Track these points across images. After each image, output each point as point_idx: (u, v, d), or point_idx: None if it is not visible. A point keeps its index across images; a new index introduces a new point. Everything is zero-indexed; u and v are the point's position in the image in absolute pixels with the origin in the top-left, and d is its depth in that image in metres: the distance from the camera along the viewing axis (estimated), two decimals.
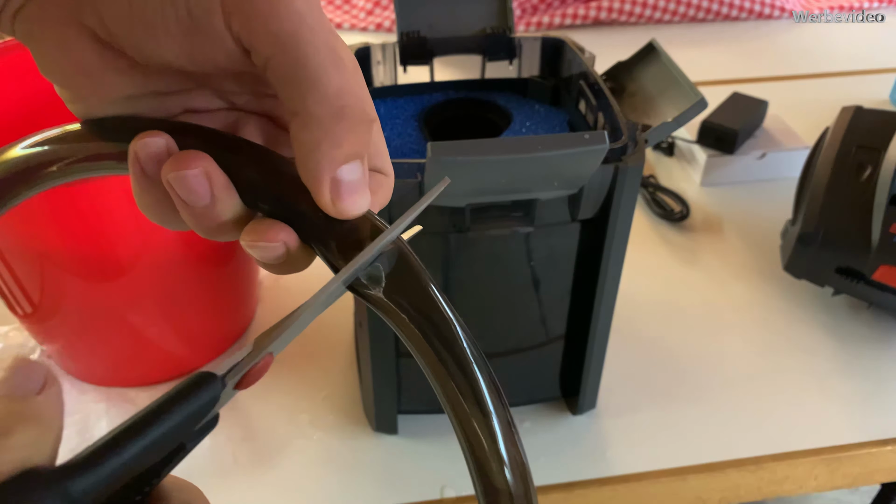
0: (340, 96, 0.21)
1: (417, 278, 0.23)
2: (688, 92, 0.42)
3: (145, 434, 0.17)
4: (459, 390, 0.22)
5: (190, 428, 0.19)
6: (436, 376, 0.23)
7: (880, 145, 0.58)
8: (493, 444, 0.23)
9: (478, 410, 0.22)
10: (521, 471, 0.24)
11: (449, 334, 0.23)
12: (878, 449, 0.51)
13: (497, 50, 0.50)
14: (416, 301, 0.23)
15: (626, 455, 0.51)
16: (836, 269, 0.57)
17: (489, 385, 0.23)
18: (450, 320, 0.23)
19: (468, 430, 0.22)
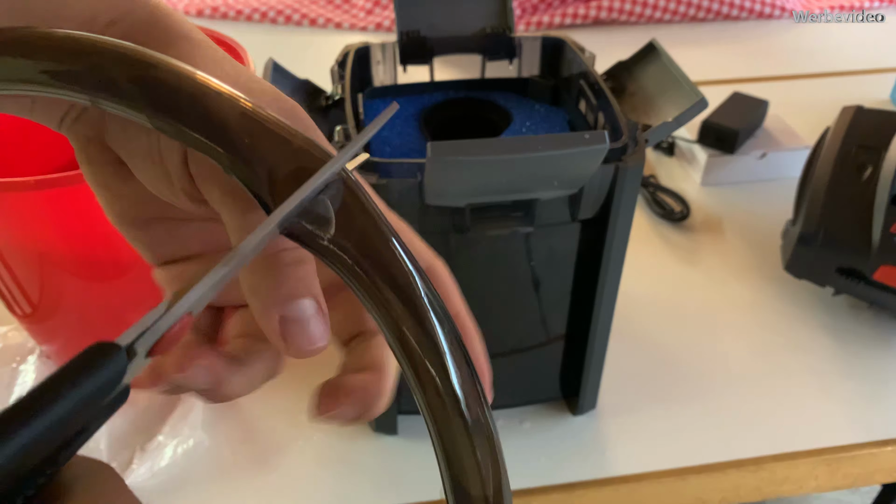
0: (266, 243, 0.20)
1: (368, 217, 0.20)
2: (688, 92, 0.42)
3: (30, 423, 0.15)
4: (417, 345, 0.20)
5: (91, 407, 0.16)
6: (390, 332, 0.20)
7: (881, 145, 0.58)
8: (464, 439, 0.20)
9: (438, 381, 0.20)
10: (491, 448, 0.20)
11: (406, 286, 0.20)
12: (878, 449, 0.51)
13: (497, 49, 0.50)
14: (366, 246, 0.20)
15: (627, 455, 0.51)
16: (836, 269, 0.57)
17: (450, 342, 0.20)
18: (407, 270, 0.20)
19: (438, 418, 0.20)
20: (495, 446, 0.20)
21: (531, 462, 0.50)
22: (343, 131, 0.40)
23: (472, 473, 0.20)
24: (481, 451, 0.20)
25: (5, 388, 0.54)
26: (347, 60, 0.46)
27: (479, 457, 0.20)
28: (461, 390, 0.20)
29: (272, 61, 0.44)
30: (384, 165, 0.38)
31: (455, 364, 0.20)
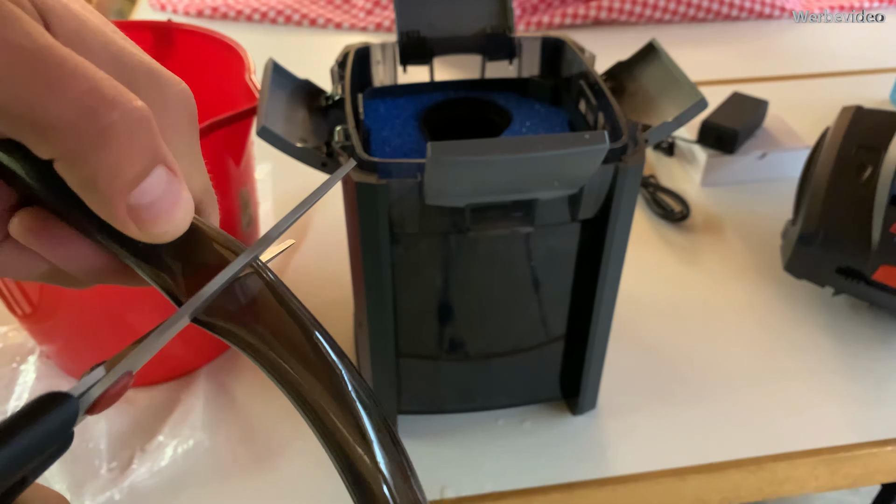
0: (88, 113, 0.17)
1: (286, 307, 0.20)
2: (688, 92, 0.42)
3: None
4: (345, 430, 0.20)
5: (36, 456, 0.16)
6: (316, 421, 0.20)
7: (881, 145, 0.58)
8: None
9: (369, 459, 0.20)
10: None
11: (332, 376, 0.20)
12: (878, 449, 0.51)
13: (497, 50, 0.50)
14: (282, 333, 0.20)
15: (627, 455, 0.51)
16: (836, 269, 0.57)
17: (381, 429, 0.21)
18: (330, 360, 0.20)
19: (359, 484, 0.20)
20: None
21: (531, 462, 0.50)
22: (343, 131, 0.40)
23: None
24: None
25: (5, 387, 0.54)
26: (347, 60, 0.46)
27: None
28: (390, 477, 0.21)
29: (272, 61, 0.44)
30: (384, 165, 0.38)
31: (383, 452, 0.21)
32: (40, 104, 0.16)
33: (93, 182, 0.17)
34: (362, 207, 0.39)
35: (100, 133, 0.17)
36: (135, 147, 0.17)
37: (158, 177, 0.18)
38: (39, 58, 0.16)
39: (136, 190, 0.18)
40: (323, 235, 0.69)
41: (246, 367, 0.57)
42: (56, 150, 0.17)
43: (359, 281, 0.44)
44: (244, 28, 1.10)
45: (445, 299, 0.47)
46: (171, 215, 0.18)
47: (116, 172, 0.17)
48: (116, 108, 0.17)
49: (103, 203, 0.18)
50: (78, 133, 0.16)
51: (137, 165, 0.18)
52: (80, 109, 0.16)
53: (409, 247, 0.43)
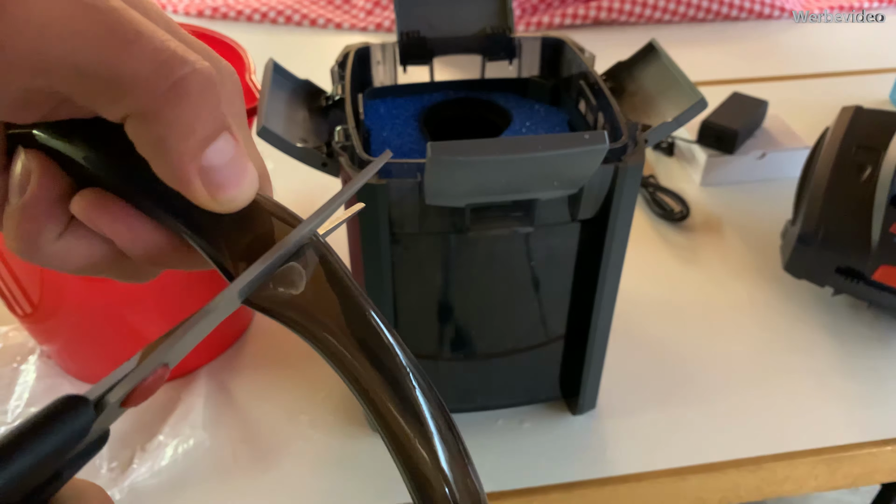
0: (162, 67, 0.17)
1: (342, 288, 0.19)
2: (688, 92, 0.42)
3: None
4: (408, 429, 0.19)
5: (62, 457, 0.16)
6: (376, 415, 0.19)
7: (880, 145, 0.58)
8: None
9: (428, 455, 0.19)
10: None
11: (390, 362, 0.19)
12: (878, 449, 0.51)
13: (497, 50, 0.50)
14: (342, 319, 0.19)
15: (626, 455, 0.51)
16: (836, 269, 0.57)
17: (438, 418, 0.20)
18: (388, 345, 0.19)
19: (420, 484, 0.19)
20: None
21: (531, 462, 0.50)
22: (343, 131, 0.40)
23: None
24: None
25: (6, 387, 0.54)
26: (347, 61, 0.46)
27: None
28: (450, 472, 0.19)
29: (272, 61, 0.44)
30: (384, 165, 0.38)
31: (442, 443, 0.20)
32: (116, 60, 0.16)
33: (165, 140, 0.17)
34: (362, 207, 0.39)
35: (173, 87, 0.17)
36: (206, 105, 0.17)
37: (227, 141, 0.18)
38: (113, 17, 0.16)
39: (207, 151, 0.18)
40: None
41: (247, 367, 0.57)
42: (130, 106, 0.17)
43: (359, 281, 0.44)
44: (244, 28, 1.10)
45: (445, 299, 0.47)
46: (240, 181, 0.18)
47: (189, 130, 0.17)
48: (188, 64, 0.17)
49: (174, 164, 0.18)
50: (152, 87, 0.17)
51: (209, 125, 0.18)
52: (153, 64, 0.16)
53: (409, 247, 0.43)
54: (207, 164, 0.18)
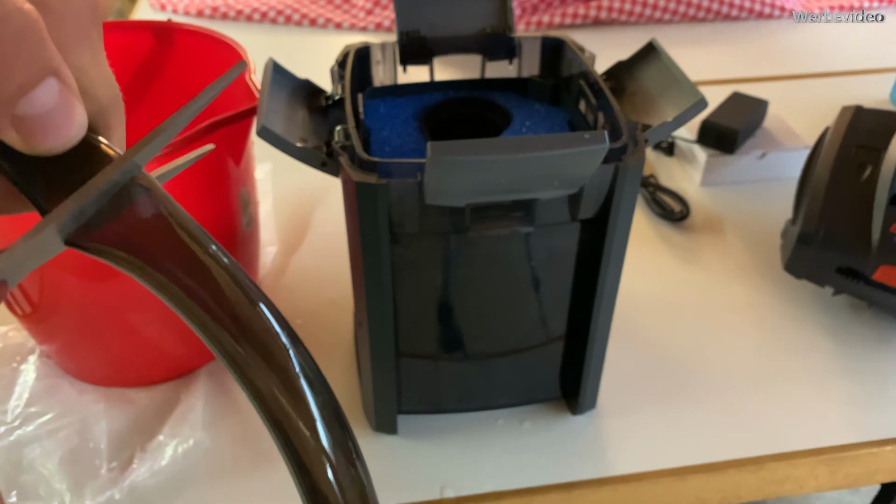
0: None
1: (165, 222, 0.18)
2: (688, 91, 0.42)
3: None
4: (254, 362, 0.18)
5: None
6: (235, 370, 0.18)
7: (881, 145, 0.58)
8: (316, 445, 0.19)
9: (287, 393, 0.18)
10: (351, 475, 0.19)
11: (228, 303, 0.18)
12: (878, 449, 0.51)
13: (497, 49, 0.50)
14: (168, 253, 0.18)
15: (626, 455, 0.51)
16: (836, 268, 0.57)
17: (293, 350, 0.19)
18: (217, 269, 0.18)
19: (282, 427, 0.18)
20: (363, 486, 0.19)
21: (531, 461, 0.50)
22: (343, 131, 0.40)
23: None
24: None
25: (6, 387, 0.54)
26: (347, 60, 0.46)
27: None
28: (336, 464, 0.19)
29: (272, 61, 0.44)
30: (384, 165, 0.38)
31: (328, 433, 0.19)
32: None
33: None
34: (362, 207, 0.39)
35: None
36: (21, 54, 0.16)
37: (49, 87, 0.17)
38: None
39: (22, 100, 0.16)
40: (323, 235, 0.69)
41: None
42: None
43: (359, 281, 0.44)
44: (244, 28, 1.10)
45: (445, 299, 0.47)
46: (61, 130, 0.17)
47: (6, 73, 0.16)
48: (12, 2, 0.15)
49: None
50: None
51: (24, 75, 0.16)
52: None
53: (408, 246, 0.43)
54: (22, 112, 0.16)
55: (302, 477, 0.19)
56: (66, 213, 0.17)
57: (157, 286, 0.18)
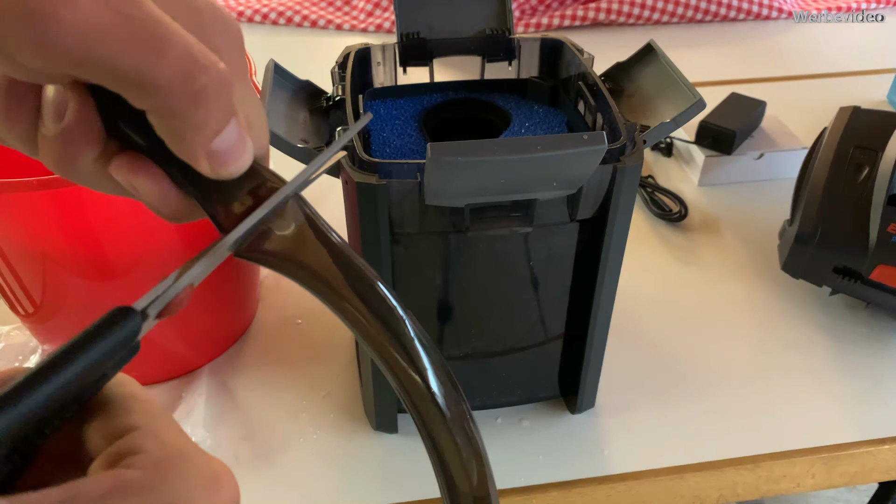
0: (185, 78, 0.19)
1: (325, 238, 0.23)
2: (686, 92, 0.42)
3: (62, 372, 0.18)
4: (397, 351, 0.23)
5: (111, 360, 0.19)
6: (375, 350, 0.23)
7: (878, 145, 0.58)
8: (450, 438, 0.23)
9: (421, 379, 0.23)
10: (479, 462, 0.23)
11: (372, 294, 0.23)
12: (875, 448, 0.52)
13: (496, 51, 0.50)
14: (330, 264, 0.23)
15: (625, 453, 0.51)
16: (833, 268, 0.58)
17: (424, 345, 0.23)
18: (370, 279, 0.23)
19: (425, 421, 0.23)
20: (477, 443, 0.24)
21: (530, 460, 0.50)
22: (343, 132, 0.41)
23: (457, 469, 0.23)
24: (464, 448, 0.24)
25: None
26: (348, 62, 0.47)
27: (462, 454, 0.23)
28: (439, 391, 0.23)
29: (273, 62, 0.44)
30: (384, 166, 0.38)
31: (431, 365, 0.23)
32: (145, 66, 0.19)
33: (181, 133, 0.21)
34: (362, 207, 0.39)
35: (193, 94, 0.20)
36: (218, 105, 0.21)
37: (232, 128, 0.21)
38: (145, 26, 0.19)
39: (215, 140, 0.21)
40: None
41: (248, 365, 0.57)
42: (153, 105, 0.20)
43: None
44: (244, 28, 1.11)
45: (445, 299, 0.47)
46: (238, 158, 0.22)
47: (202, 126, 0.20)
48: (207, 72, 0.20)
49: (187, 150, 0.21)
50: (174, 92, 0.20)
51: (220, 122, 0.21)
52: (177, 73, 0.19)
53: (408, 246, 0.43)
54: (214, 149, 0.21)
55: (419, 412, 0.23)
56: (244, 230, 0.22)
57: (305, 284, 0.23)
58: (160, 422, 0.21)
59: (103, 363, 0.19)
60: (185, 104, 0.20)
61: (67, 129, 0.21)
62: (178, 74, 0.19)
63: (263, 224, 0.23)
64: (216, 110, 0.21)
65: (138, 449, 0.19)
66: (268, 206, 0.23)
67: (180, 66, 0.19)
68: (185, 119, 0.20)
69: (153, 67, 0.19)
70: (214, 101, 0.20)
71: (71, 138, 0.22)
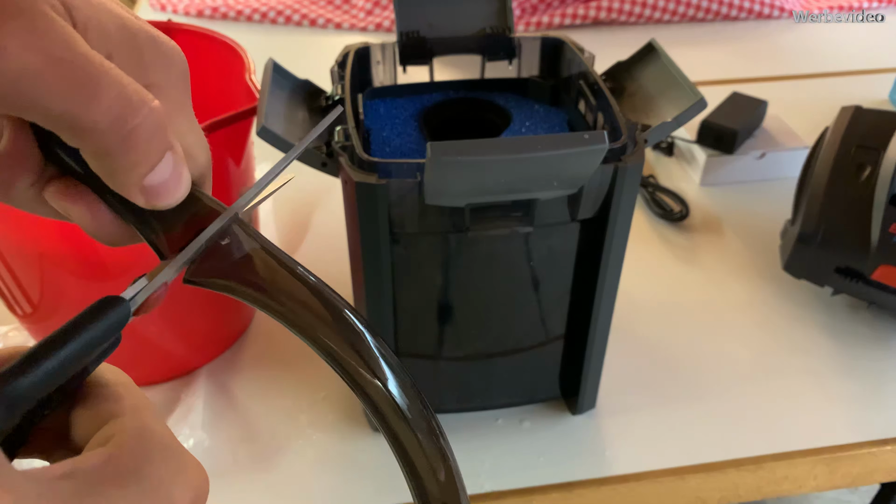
0: (118, 121, 0.19)
1: (277, 259, 0.23)
2: (687, 92, 0.42)
3: (53, 356, 0.18)
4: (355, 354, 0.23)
5: (95, 350, 0.20)
6: (324, 353, 0.23)
7: (880, 145, 0.58)
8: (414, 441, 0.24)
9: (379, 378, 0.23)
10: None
11: (327, 310, 0.23)
12: (877, 448, 0.51)
13: (497, 50, 0.50)
14: (278, 284, 0.23)
15: (626, 454, 0.51)
16: (835, 268, 0.57)
17: (380, 347, 0.23)
18: (323, 298, 0.23)
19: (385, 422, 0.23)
20: (440, 439, 0.24)
21: (530, 461, 0.50)
22: (343, 131, 0.41)
23: (424, 470, 0.24)
24: (428, 448, 0.24)
25: None
26: (347, 61, 0.46)
27: (426, 452, 0.24)
28: (399, 395, 0.23)
29: (272, 61, 0.44)
30: (384, 165, 0.38)
31: (391, 370, 0.23)
32: (77, 110, 0.19)
33: (113, 172, 0.21)
34: (362, 207, 0.39)
35: (124, 137, 0.20)
36: (152, 144, 0.21)
37: (166, 163, 0.21)
38: (76, 69, 0.19)
39: (149, 175, 0.21)
40: (322, 236, 0.69)
41: (246, 367, 0.57)
42: (85, 146, 0.20)
43: (359, 281, 0.44)
44: (244, 28, 1.10)
45: (445, 299, 0.47)
46: (174, 191, 0.22)
47: (135, 165, 0.20)
48: (139, 113, 0.20)
49: (120, 186, 0.21)
50: (106, 134, 0.20)
51: (153, 158, 0.21)
52: (109, 115, 0.19)
53: (408, 246, 0.43)
54: (147, 184, 0.21)
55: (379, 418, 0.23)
56: (186, 258, 0.23)
57: (260, 306, 0.23)
58: (146, 411, 0.21)
59: (89, 352, 0.19)
60: (117, 145, 0.20)
61: (2, 154, 0.21)
62: (110, 117, 0.19)
63: (207, 247, 0.23)
64: (149, 149, 0.21)
65: (124, 432, 0.20)
66: (209, 231, 0.23)
67: (112, 108, 0.19)
68: (116, 159, 0.20)
69: (84, 110, 0.19)
70: (146, 140, 0.20)
71: (6, 164, 0.22)
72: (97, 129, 0.19)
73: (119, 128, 0.19)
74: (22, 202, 0.23)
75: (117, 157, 0.20)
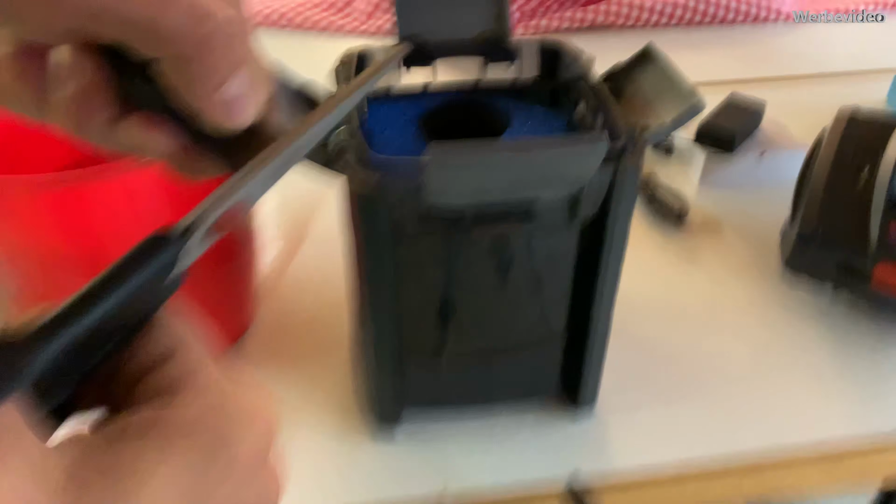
0: (196, 22, 0.20)
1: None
2: (685, 94, 0.42)
3: (97, 305, 0.18)
4: None
5: (155, 287, 0.20)
6: None
7: (878, 146, 0.59)
8: None
9: None
10: None
11: None
12: (880, 448, 0.51)
13: (496, 53, 0.50)
14: None
15: (626, 454, 0.51)
16: (834, 268, 0.58)
17: None
18: None
19: None
20: None
21: (531, 460, 0.50)
22: (346, 131, 0.41)
23: None
24: None
25: None
26: (350, 64, 0.47)
27: None
28: None
29: (275, 63, 0.44)
30: (386, 165, 0.39)
31: None
32: (157, 15, 0.19)
33: (191, 80, 0.21)
34: (363, 208, 0.39)
35: (201, 40, 0.20)
36: (228, 52, 0.21)
37: (242, 78, 0.21)
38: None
39: (224, 87, 0.21)
40: (323, 236, 0.70)
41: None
42: (166, 52, 0.20)
43: (359, 282, 0.45)
44: None
45: (445, 299, 0.47)
46: (248, 109, 0.22)
47: (212, 72, 0.21)
48: (215, 18, 0.20)
49: (198, 97, 0.21)
50: (184, 40, 0.20)
51: (231, 65, 0.21)
52: (189, 19, 0.20)
53: (408, 247, 0.43)
54: (225, 96, 0.21)
55: None
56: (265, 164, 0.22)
57: None
58: (202, 361, 0.22)
59: (147, 292, 0.19)
60: (195, 48, 0.20)
61: (81, 90, 0.22)
62: (188, 19, 0.20)
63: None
64: (226, 55, 0.21)
65: (179, 382, 0.20)
66: (276, 149, 0.23)
67: (190, 11, 0.20)
68: (194, 64, 0.20)
69: (162, 13, 0.19)
70: (223, 45, 0.21)
71: (84, 99, 0.22)
72: (174, 33, 0.20)
73: (196, 30, 0.20)
74: (98, 137, 0.23)
75: (194, 63, 0.20)
